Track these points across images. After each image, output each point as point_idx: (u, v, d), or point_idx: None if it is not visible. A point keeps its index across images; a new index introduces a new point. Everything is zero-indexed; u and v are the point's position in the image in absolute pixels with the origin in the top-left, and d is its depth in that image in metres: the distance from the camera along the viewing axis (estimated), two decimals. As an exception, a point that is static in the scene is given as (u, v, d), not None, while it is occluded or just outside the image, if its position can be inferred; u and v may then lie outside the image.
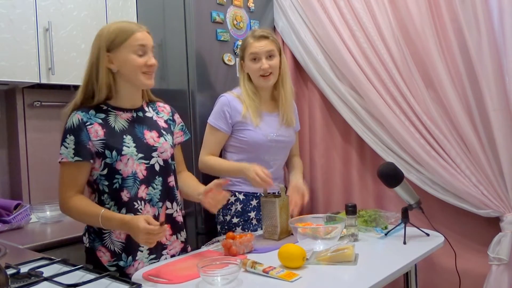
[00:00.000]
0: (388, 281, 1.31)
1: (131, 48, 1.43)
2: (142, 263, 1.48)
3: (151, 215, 1.46)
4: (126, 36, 1.42)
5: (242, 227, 1.96)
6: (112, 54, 1.43)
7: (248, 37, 1.94)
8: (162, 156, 1.52)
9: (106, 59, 1.43)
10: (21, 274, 1.25)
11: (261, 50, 1.90)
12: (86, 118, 1.43)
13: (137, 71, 1.44)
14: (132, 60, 1.43)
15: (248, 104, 1.93)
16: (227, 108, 1.93)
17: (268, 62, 1.90)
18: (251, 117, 1.92)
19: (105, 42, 1.43)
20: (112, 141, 1.43)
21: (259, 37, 1.91)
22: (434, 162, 2.00)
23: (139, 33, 1.44)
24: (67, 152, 1.41)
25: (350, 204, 1.67)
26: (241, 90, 1.97)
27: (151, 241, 1.32)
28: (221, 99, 1.98)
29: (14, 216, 1.95)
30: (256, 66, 1.91)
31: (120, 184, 1.44)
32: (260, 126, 1.94)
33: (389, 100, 2.11)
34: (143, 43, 1.44)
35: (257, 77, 1.93)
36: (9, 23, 1.91)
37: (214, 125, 1.95)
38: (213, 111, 1.98)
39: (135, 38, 1.43)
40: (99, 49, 1.44)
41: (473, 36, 1.86)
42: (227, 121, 1.93)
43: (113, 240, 1.46)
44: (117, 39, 1.43)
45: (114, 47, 1.43)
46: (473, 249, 2.01)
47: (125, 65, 1.44)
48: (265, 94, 2.01)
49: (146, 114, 1.57)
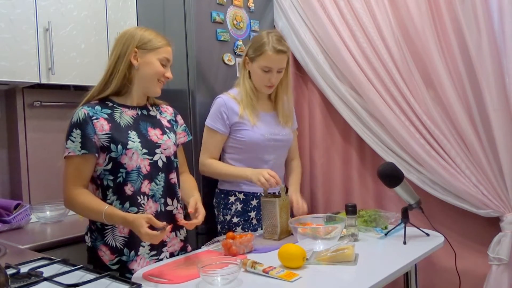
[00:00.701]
0: (388, 281, 1.31)
1: (159, 56, 1.52)
2: (143, 258, 1.50)
3: (153, 211, 1.50)
4: (160, 45, 1.53)
5: (242, 226, 1.96)
6: (139, 52, 1.50)
7: (266, 45, 1.88)
8: (165, 153, 1.56)
9: (132, 53, 1.49)
10: (21, 274, 1.25)
11: (276, 65, 1.90)
12: (92, 112, 1.46)
13: (155, 77, 1.53)
14: (156, 66, 1.52)
15: (245, 102, 1.93)
16: (224, 109, 1.93)
17: (277, 76, 1.93)
18: (248, 116, 1.93)
19: (138, 39, 1.51)
20: (117, 135, 1.46)
21: (279, 51, 1.88)
22: (434, 162, 2.00)
23: (169, 48, 1.56)
24: (74, 146, 1.43)
25: (350, 204, 1.67)
26: (240, 85, 1.97)
27: (154, 242, 1.36)
28: (217, 100, 1.98)
29: (14, 216, 1.95)
30: (266, 77, 1.92)
31: (124, 178, 1.46)
32: (257, 125, 1.94)
33: (389, 100, 2.11)
34: (169, 58, 1.56)
35: (261, 85, 1.95)
36: (9, 23, 1.91)
37: (212, 127, 1.95)
38: (210, 113, 1.98)
39: (166, 50, 1.55)
40: (130, 43, 1.50)
41: (473, 36, 1.86)
42: (224, 122, 1.93)
43: (115, 236, 1.48)
44: (151, 42, 1.52)
45: (144, 48, 1.51)
46: (473, 249, 2.01)
47: (147, 67, 1.51)
48: (263, 93, 2.01)
49: (150, 113, 1.61)
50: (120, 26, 2.29)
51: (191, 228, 1.50)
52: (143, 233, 1.31)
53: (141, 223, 1.32)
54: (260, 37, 1.93)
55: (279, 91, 2.02)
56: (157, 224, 1.33)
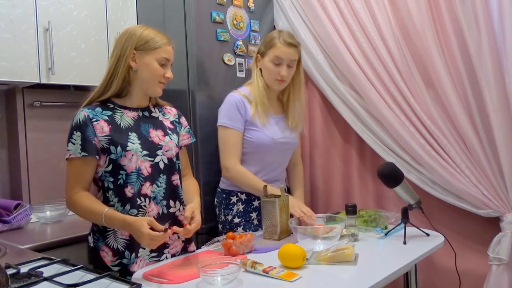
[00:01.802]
0: (388, 281, 1.31)
1: (157, 57, 1.49)
2: (143, 260, 1.49)
3: (155, 213, 1.49)
4: (158, 45, 1.49)
5: (243, 227, 1.96)
6: (138, 53, 1.48)
7: (276, 38, 1.90)
8: (167, 155, 1.54)
9: (131, 55, 1.47)
10: (21, 274, 1.25)
11: (287, 57, 1.89)
12: (92, 114, 1.46)
13: (154, 79, 1.51)
14: (154, 68, 1.49)
15: (258, 99, 1.92)
16: (239, 105, 1.92)
17: (287, 70, 1.91)
18: (259, 117, 1.91)
19: (136, 40, 1.48)
20: (117, 137, 1.45)
21: (289, 44, 1.89)
22: (434, 162, 2.00)
23: (169, 47, 1.52)
24: (74, 148, 1.43)
25: (350, 204, 1.67)
26: (253, 83, 1.96)
27: (153, 245, 1.34)
28: (230, 98, 1.95)
29: (14, 216, 1.95)
30: (276, 70, 1.90)
31: (124, 180, 1.46)
32: (266, 127, 1.93)
33: (389, 100, 2.11)
34: (168, 57, 1.52)
35: (273, 80, 1.93)
36: (9, 23, 1.91)
37: (231, 126, 1.91)
38: (224, 112, 1.94)
39: (165, 50, 1.50)
40: (128, 44, 1.48)
41: (473, 36, 1.86)
42: (241, 119, 1.92)
43: (117, 238, 1.47)
44: (148, 43, 1.48)
45: (142, 49, 1.48)
46: (473, 249, 2.01)
47: (146, 69, 1.49)
48: (273, 94, 2.01)
49: (152, 114, 1.60)
50: (120, 26, 2.29)
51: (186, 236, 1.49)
52: (145, 233, 1.29)
53: (142, 224, 1.31)
54: (271, 34, 1.96)
55: (291, 93, 2.01)
56: (158, 227, 1.32)
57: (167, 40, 1.52)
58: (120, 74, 1.48)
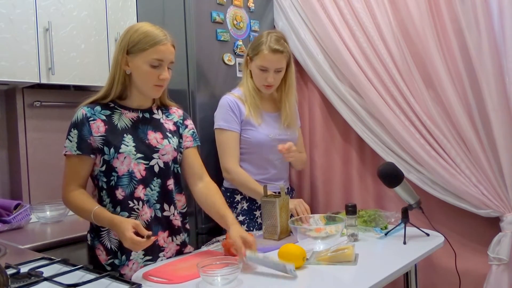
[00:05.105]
0: (388, 281, 1.31)
1: (147, 59, 1.42)
2: (136, 263, 1.48)
3: (148, 216, 1.48)
4: (147, 46, 1.42)
5: (247, 225, 1.96)
6: (129, 57, 1.45)
7: (263, 44, 1.88)
8: (163, 158, 1.52)
9: (124, 60, 1.45)
10: (21, 274, 1.25)
11: (272, 65, 1.89)
12: (90, 113, 1.46)
13: (148, 82, 1.46)
14: (145, 71, 1.44)
15: (249, 101, 1.93)
16: (233, 107, 1.93)
17: (274, 76, 1.91)
18: (253, 116, 1.92)
19: (127, 43, 1.44)
20: (111, 138, 1.45)
21: (275, 51, 1.87)
22: (434, 162, 2.00)
23: (162, 46, 1.43)
24: (71, 145, 1.44)
25: (350, 204, 1.67)
26: (243, 84, 1.97)
27: (135, 249, 1.33)
28: (224, 101, 1.96)
29: (14, 216, 1.95)
30: (263, 76, 1.91)
31: (115, 182, 1.45)
32: (261, 126, 1.94)
33: (389, 100, 2.11)
34: (160, 58, 1.43)
35: (260, 85, 1.94)
36: (9, 23, 1.91)
37: (228, 128, 1.92)
38: (220, 115, 1.95)
39: (155, 51, 1.42)
40: (122, 48, 1.45)
41: (473, 36, 1.86)
42: (237, 120, 1.92)
43: (110, 238, 1.47)
44: (138, 45, 1.43)
45: (133, 52, 1.44)
46: (473, 249, 2.01)
47: (137, 72, 1.46)
48: (266, 93, 2.01)
49: (154, 116, 1.57)
50: (120, 26, 2.29)
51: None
52: (128, 237, 1.27)
53: (127, 227, 1.29)
54: (260, 37, 1.94)
55: (283, 92, 2.01)
56: (143, 231, 1.30)
57: (162, 37, 1.44)
58: (119, 79, 1.47)
